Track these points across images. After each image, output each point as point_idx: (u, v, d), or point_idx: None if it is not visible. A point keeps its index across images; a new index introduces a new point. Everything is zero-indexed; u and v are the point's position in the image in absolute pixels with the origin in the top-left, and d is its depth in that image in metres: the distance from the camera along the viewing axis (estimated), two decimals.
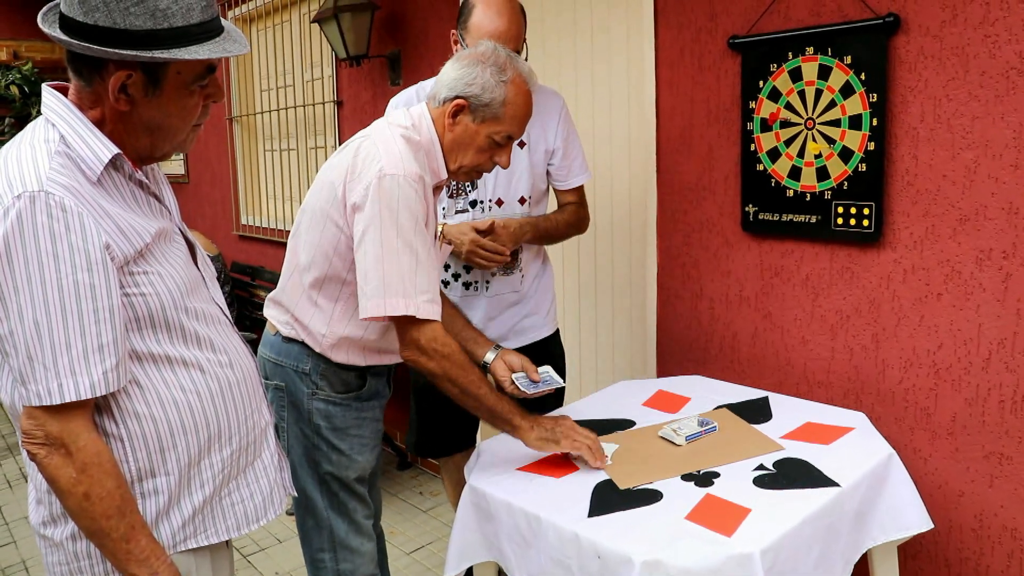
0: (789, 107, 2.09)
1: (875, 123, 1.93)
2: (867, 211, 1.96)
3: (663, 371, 2.54)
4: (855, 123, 1.96)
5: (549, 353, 2.23)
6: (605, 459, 1.67)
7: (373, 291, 1.55)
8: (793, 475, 1.58)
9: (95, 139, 1.14)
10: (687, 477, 1.61)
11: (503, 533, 1.59)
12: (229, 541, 1.34)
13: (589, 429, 1.70)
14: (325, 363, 1.72)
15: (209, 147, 5.15)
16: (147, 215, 1.21)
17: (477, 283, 2.16)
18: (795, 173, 2.10)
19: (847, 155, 1.99)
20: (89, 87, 1.15)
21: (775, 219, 2.15)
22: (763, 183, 2.17)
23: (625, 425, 1.89)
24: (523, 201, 2.14)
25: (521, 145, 2.11)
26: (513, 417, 1.64)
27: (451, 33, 2.07)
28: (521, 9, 2.05)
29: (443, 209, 2.12)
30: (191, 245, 1.33)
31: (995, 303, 1.80)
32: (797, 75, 2.06)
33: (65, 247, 1.07)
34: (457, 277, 2.16)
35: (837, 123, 2.00)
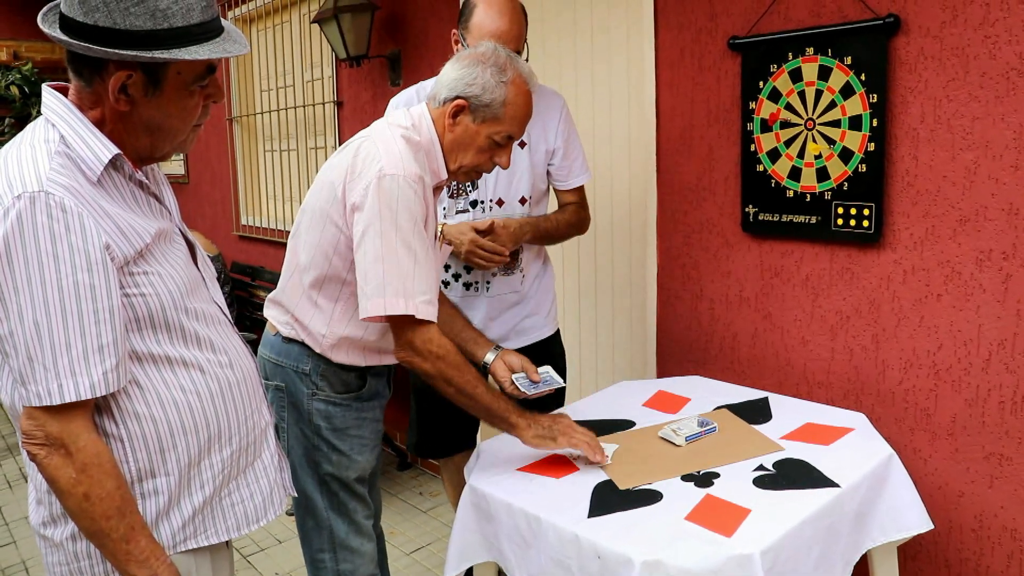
0: (789, 108, 2.09)
1: (875, 124, 1.93)
2: (867, 212, 1.96)
3: (663, 371, 2.54)
4: (855, 124, 1.96)
5: (550, 353, 2.23)
6: (604, 455, 1.67)
7: (373, 290, 1.55)
8: (793, 476, 1.58)
9: (95, 139, 1.14)
10: (687, 477, 1.61)
11: (503, 533, 1.59)
12: (229, 541, 1.34)
13: (589, 429, 1.70)
14: (325, 363, 1.72)
15: (209, 147, 5.15)
16: (147, 215, 1.21)
17: (478, 283, 2.16)
18: (795, 174, 2.10)
19: (847, 156, 1.99)
20: (89, 87, 1.15)
21: (775, 220, 2.15)
22: (763, 184, 2.17)
23: (625, 425, 1.89)
24: (524, 201, 2.14)
25: (522, 145, 2.11)
26: (510, 415, 1.64)
27: (452, 33, 2.07)
28: (522, 9, 2.05)
29: (444, 209, 2.12)
30: (191, 245, 1.33)
31: (995, 304, 1.80)
32: (797, 76, 2.06)
33: (65, 247, 1.07)
34: (458, 277, 2.16)
35: (837, 124, 2.00)
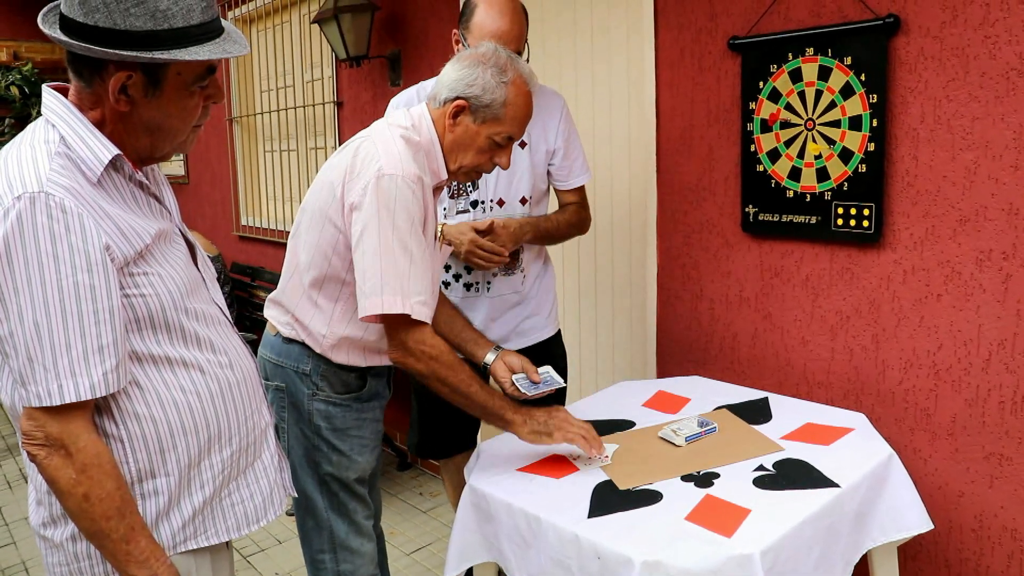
0: (789, 108, 2.09)
1: (875, 124, 1.93)
2: (867, 212, 1.96)
3: (663, 371, 2.54)
4: (855, 124, 1.96)
5: (551, 354, 2.23)
6: (602, 447, 1.66)
7: (371, 289, 1.55)
8: (793, 476, 1.58)
9: (95, 140, 1.14)
10: (687, 478, 1.61)
11: (503, 534, 1.59)
12: (229, 542, 1.34)
13: None
14: (325, 364, 1.72)
15: (209, 148, 5.15)
16: (147, 216, 1.21)
17: (478, 284, 2.16)
18: (795, 174, 2.10)
19: (847, 156, 1.99)
20: (89, 88, 1.15)
21: (775, 220, 2.15)
22: (763, 184, 2.17)
23: (625, 426, 1.89)
24: (524, 201, 2.14)
25: (522, 145, 2.11)
26: (505, 412, 1.64)
27: (453, 33, 2.07)
28: (523, 9, 2.05)
29: (444, 209, 2.12)
30: (191, 246, 1.33)
31: (995, 304, 1.80)
32: (797, 76, 2.06)
33: (65, 248, 1.07)
34: (458, 278, 2.16)
35: (837, 124, 2.00)
